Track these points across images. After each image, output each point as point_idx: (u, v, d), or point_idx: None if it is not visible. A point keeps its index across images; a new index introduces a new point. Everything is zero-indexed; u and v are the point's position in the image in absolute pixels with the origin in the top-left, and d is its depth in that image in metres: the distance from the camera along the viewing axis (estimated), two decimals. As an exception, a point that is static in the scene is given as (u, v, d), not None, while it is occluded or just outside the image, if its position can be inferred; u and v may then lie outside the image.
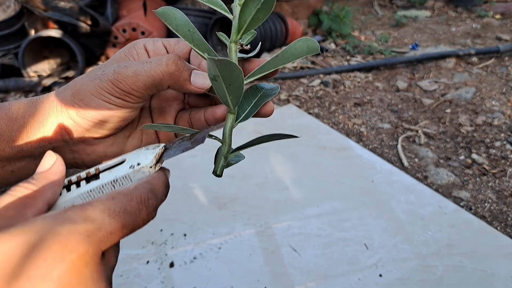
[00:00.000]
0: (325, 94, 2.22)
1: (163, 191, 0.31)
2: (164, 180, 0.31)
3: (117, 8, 2.76)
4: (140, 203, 0.27)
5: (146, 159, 0.31)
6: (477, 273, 1.12)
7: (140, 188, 0.28)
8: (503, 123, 1.86)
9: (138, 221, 0.27)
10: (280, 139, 0.39)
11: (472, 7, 3.51)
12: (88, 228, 0.24)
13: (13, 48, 2.46)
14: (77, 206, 0.25)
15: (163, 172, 0.32)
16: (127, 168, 0.31)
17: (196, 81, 0.36)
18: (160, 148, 0.33)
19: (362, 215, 1.33)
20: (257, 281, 1.12)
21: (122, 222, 0.26)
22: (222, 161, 0.39)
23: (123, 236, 0.26)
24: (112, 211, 0.25)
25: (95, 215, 0.25)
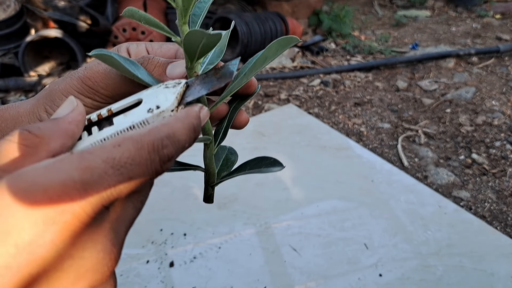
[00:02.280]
0: (325, 94, 2.22)
1: (187, 136, 0.24)
2: (190, 122, 0.25)
3: (117, 8, 2.76)
4: (152, 152, 0.22)
5: (166, 101, 0.27)
6: (477, 273, 1.12)
7: (155, 132, 0.23)
8: (503, 123, 1.86)
9: (149, 172, 0.23)
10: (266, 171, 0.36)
11: (472, 7, 3.51)
12: (86, 181, 0.20)
13: (13, 48, 2.46)
14: (75, 154, 0.21)
15: (190, 110, 0.26)
16: (145, 112, 0.26)
17: (173, 71, 0.32)
18: (182, 86, 0.28)
19: (362, 215, 1.33)
20: (257, 281, 1.12)
21: (129, 174, 0.21)
22: (210, 191, 0.38)
23: (132, 189, 0.22)
24: (116, 161, 0.21)
25: (96, 165, 0.20)
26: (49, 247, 0.19)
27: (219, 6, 3.03)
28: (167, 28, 0.30)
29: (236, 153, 0.40)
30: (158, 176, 0.24)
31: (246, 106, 2.11)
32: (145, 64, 0.32)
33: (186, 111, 0.26)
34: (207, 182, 0.38)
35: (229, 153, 0.40)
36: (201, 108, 0.27)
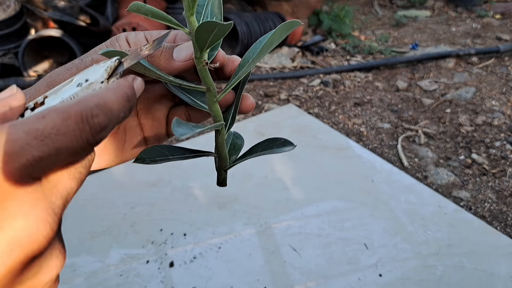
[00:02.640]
0: (325, 94, 2.22)
1: (120, 105, 0.24)
2: (122, 91, 0.24)
3: (117, 8, 2.76)
4: (81, 122, 0.21)
5: (95, 74, 0.26)
6: (477, 273, 1.12)
7: (83, 103, 0.22)
8: (503, 123, 1.86)
9: (79, 142, 0.22)
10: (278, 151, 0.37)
11: (472, 7, 3.51)
12: (7, 152, 0.19)
13: (13, 48, 2.46)
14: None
15: (123, 81, 0.25)
16: (74, 87, 0.26)
17: (180, 55, 0.32)
18: (113, 61, 0.27)
19: (362, 215, 1.33)
20: (257, 281, 1.12)
21: (55, 146, 0.21)
22: (223, 174, 0.39)
23: (62, 159, 0.22)
24: (40, 132, 0.20)
25: (18, 137, 0.20)
26: None
27: (219, 6, 3.03)
28: (174, 20, 0.31)
29: (241, 137, 0.41)
30: (94, 146, 0.23)
31: (246, 106, 2.11)
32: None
33: (117, 82, 0.25)
34: (220, 167, 0.39)
35: (235, 138, 0.41)
36: (134, 78, 0.26)
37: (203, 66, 0.32)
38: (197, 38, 0.29)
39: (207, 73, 0.33)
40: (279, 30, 0.31)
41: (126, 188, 1.48)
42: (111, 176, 1.53)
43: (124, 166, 1.58)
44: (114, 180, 1.52)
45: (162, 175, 1.52)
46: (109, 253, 1.21)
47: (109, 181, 1.51)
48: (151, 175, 1.52)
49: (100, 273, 1.15)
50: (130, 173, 1.55)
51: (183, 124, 0.30)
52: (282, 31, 0.31)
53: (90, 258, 1.20)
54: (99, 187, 1.48)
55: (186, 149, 0.37)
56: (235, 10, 2.98)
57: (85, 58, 0.33)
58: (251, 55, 0.33)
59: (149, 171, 1.54)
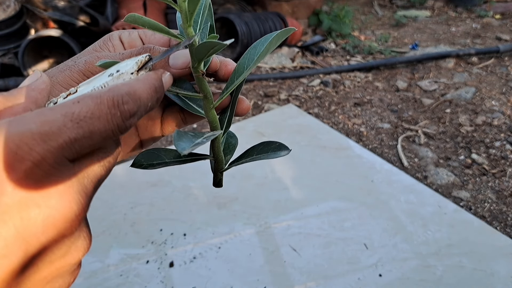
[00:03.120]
0: (325, 94, 2.22)
1: (148, 95, 0.25)
2: (151, 82, 0.26)
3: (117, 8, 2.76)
4: (113, 107, 0.23)
5: (126, 66, 0.28)
6: (477, 273, 1.12)
7: (115, 89, 0.24)
8: (503, 123, 1.86)
9: (110, 126, 0.23)
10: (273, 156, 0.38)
11: (472, 7, 3.51)
12: (45, 132, 0.20)
13: (13, 48, 2.46)
14: (36, 110, 0.21)
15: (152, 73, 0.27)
16: (105, 77, 0.28)
17: (176, 62, 0.33)
18: (144, 56, 0.29)
19: (362, 215, 1.33)
20: (257, 281, 1.12)
21: (89, 128, 0.22)
22: (219, 176, 0.39)
23: (94, 143, 0.23)
24: (76, 115, 0.21)
25: (55, 118, 0.21)
26: (11, 195, 0.19)
27: (219, 6, 3.03)
28: (172, 32, 0.31)
29: (235, 136, 0.42)
30: (124, 132, 0.24)
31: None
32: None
33: (147, 74, 0.27)
34: (216, 169, 0.39)
35: (229, 137, 0.41)
36: (163, 72, 0.28)
37: (200, 76, 0.33)
38: (196, 52, 0.30)
39: (203, 81, 0.34)
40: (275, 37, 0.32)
41: (126, 188, 1.48)
42: (111, 176, 1.53)
43: (124, 166, 1.58)
44: (114, 180, 1.52)
45: (162, 175, 1.52)
46: (109, 253, 1.21)
47: (109, 181, 1.51)
48: (151, 175, 1.52)
49: (100, 273, 1.15)
50: (130, 173, 1.55)
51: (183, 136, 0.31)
52: (278, 38, 0.32)
53: (90, 258, 1.20)
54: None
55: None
56: (235, 10, 2.98)
57: (78, 60, 0.33)
58: (247, 61, 0.34)
59: (149, 172, 1.54)
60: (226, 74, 0.35)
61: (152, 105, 0.26)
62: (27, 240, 0.20)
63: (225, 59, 0.36)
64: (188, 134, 0.32)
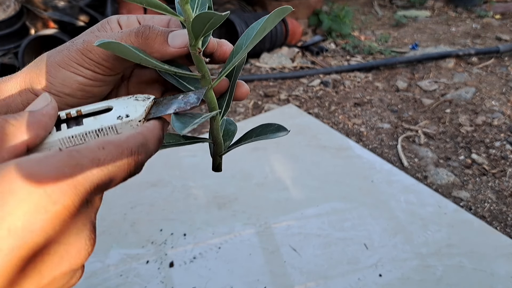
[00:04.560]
0: (325, 94, 2.22)
1: (155, 146, 0.28)
2: (158, 134, 0.28)
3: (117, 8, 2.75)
4: (130, 157, 0.25)
5: (135, 112, 0.29)
6: (477, 273, 1.12)
7: (132, 140, 0.26)
8: (503, 123, 1.86)
9: (125, 174, 0.25)
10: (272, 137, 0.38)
11: (472, 7, 3.51)
12: (76, 178, 0.22)
13: (13, 48, 2.46)
14: (64, 151, 0.23)
15: (158, 123, 0.29)
16: (114, 118, 0.29)
17: (175, 41, 0.33)
18: (151, 101, 0.31)
19: (362, 215, 1.33)
20: (257, 281, 1.12)
21: (110, 175, 0.24)
22: (218, 160, 0.40)
23: (109, 187, 0.25)
24: (101, 162, 0.23)
25: (84, 163, 0.23)
26: (39, 232, 0.21)
27: (219, 6, 3.04)
28: (170, 8, 0.31)
29: (234, 123, 0.42)
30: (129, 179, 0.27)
31: (246, 107, 2.11)
32: (146, 33, 0.32)
33: (154, 123, 0.29)
34: (215, 152, 0.40)
35: (228, 124, 0.42)
36: (164, 122, 0.30)
37: (197, 54, 0.33)
38: (193, 26, 0.30)
39: (201, 60, 0.33)
40: (271, 16, 0.31)
41: (126, 188, 1.48)
42: (111, 176, 1.53)
43: (124, 166, 1.58)
44: (114, 180, 1.52)
45: (162, 175, 1.52)
46: (109, 253, 1.21)
47: (109, 181, 1.51)
48: (151, 175, 1.52)
49: (100, 273, 1.15)
50: (130, 173, 1.54)
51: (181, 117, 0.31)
52: (275, 17, 0.32)
53: (90, 258, 1.20)
54: (99, 187, 1.48)
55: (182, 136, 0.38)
56: (235, 10, 2.98)
57: (76, 40, 0.33)
58: (244, 41, 0.34)
59: (149, 171, 1.54)
60: (222, 55, 0.35)
61: (154, 153, 0.28)
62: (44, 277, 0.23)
63: (221, 40, 0.36)
64: (186, 115, 0.32)
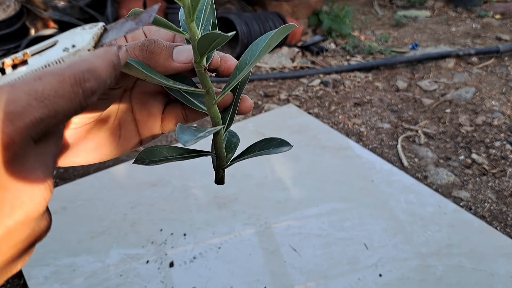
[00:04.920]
0: (325, 94, 2.22)
1: (107, 72, 0.25)
2: (108, 59, 0.25)
3: (117, 8, 2.75)
4: (75, 85, 0.22)
5: (82, 41, 0.27)
6: (477, 273, 1.12)
7: (75, 66, 0.23)
8: (503, 123, 1.86)
9: (73, 105, 0.23)
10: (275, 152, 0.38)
11: (472, 7, 3.51)
12: (11, 112, 0.20)
13: (13, 48, 2.46)
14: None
15: (109, 49, 0.26)
16: (60, 51, 0.26)
17: (179, 56, 0.33)
18: (99, 28, 0.28)
19: (362, 215, 1.33)
20: (257, 281, 1.12)
21: (54, 107, 0.22)
22: (221, 173, 0.40)
23: (57, 123, 0.23)
24: (40, 93, 0.21)
25: (19, 97, 0.20)
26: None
27: (219, 6, 3.03)
28: (175, 27, 0.32)
29: (237, 135, 0.42)
30: (84, 111, 0.24)
31: (246, 106, 2.11)
32: (151, 48, 0.32)
33: (104, 49, 0.26)
34: (218, 166, 0.39)
35: (231, 136, 0.41)
36: (119, 47, 0.27)
37: (202, 71, 0.33)
38: (199, 45, 0.30)
39: (206, 77, 0.34)
40: (276, 33, 0.32)
41: (126, 188, 1.48)
42: (111, 176, 1.53)
43: (124, 166, 1.58)
44: (114, 180, 1.52)
45: (162, 175, 1.52)
46: (109, 253, 1.21)
47: (109, 181, 1.51)
48: (151, 175, 1.52)
49: (100, 273, 1.15)
50: (130, 173, 1.55)
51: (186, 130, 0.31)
52: (279, 34, 0.32)
53: (90, 258, 1.20)
54: (99, 187, 1.48)
55: (185, 149, 0.38)
56: (235, 10, 2.98)
57: None
58: (249, 57, 0.34)
59: (149, 172, 1.54)
60: (226, 70, 0.35)
61: (110, 82, 0.25)
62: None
63: (225, 55, 0.36)
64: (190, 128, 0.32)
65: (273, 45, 0.33)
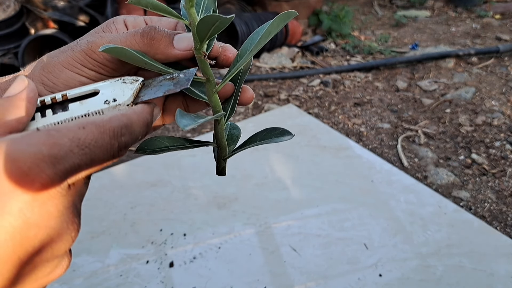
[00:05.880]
0: (325, 94, 2.22)
1: (141, 129, 0.27)
2: (144, 117, 0.27)
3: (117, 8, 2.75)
4: (113, 137, 0.24)
5: (123, 95, 0.28)
6: (477, 273, 1.12)
7: (115, 120, 0.25)
8: (502, 123, 1.86)
9: (108, 156, 0.24)
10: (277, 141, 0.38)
11: (472, 7, 3.51)
12: (55, 156, 0.21)
13: (13, 48, 2.46)
14: (43, 131, 0.22)
15: (146, 107, 0.28)
16: (101, 103, 0.28)
17: (180, 44, 0.33)
18: (139, 84, 0.30)
19: (362, 215, 1.33)
20: (257, 281, 1.12)
21: (92, 156, 0.23)
22: (223, 163, 0.39)
23: (91, 170, 0.24)
24: (82, 142, 0.22)
25: (63, 142, 0.22)
26: (17, 215, 0.20)
27: (219, 6, 3.04)
28: (175, 12, 0.32)
29: (238, 127, 0.42)
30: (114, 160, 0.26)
31: (246, 107, 2.11)
32: (152, 34, 0.32)
33: (142, 107, 0.28)
34: (219, 156, 0.39)
35: (232, 128, 0.41)
36: (155, 106, 0.29)
37: (202, 57, 0.33)
38: (198, 29, 0.30)
39: (206, 64, 0.34)
40: (276, 20, 0.32)
41: (126, 188, 1.48)
42: (111, 176, 1.53)
43: (124, 166, 1.58)
44: (114, 180, 1.52)
45: (162, 175, 1.52)
46: (109, 253, 1.21)
47: (109, 181, 1.51)
48: (151, 175, 1.52)
49: (100, 273, 1.15)
50: (130, 173, 1.55)
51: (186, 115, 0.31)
52: (280, 21, 0.32)
53: (90, 258, 1.20)
54: (99, 187, 1.48)
55: (186, 139, 0.38)
56: (234, 10, 2.98)
57: (81, 41, 0.33)
58: (249, 45, 0.34)
59: (149, 172, 1.54)
60: (226, 59, 0.36)
61: (141, 138, 0.27)
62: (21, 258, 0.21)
63: (225, 45, 0.36)
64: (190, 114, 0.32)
65: (274, 32, 0.33)
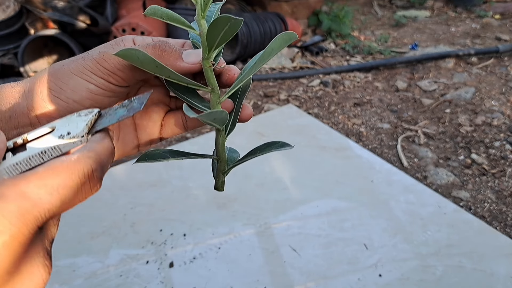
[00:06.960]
0: (324, 94, 2.22)
1: (108, 158, 0.27)
2: (108, 145, 0.27)
3: (117, 8, 2.75)
4: (83, 177, 0.24)
5: (76, 128, 0.29)
6: (477, 273, 1.12)
7: (84, 160, 0.25)
8: (502, 123, 1.86)
9: (80, 196, 0.25)
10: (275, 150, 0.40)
11: (471, 7, 3.51)
12: (22, 206, 0.21)
13: (13, 48, 2.46)
14: (8, 180, 0.22)
15: (105, 135, 0.28)
16: (56, 138, 0.28)
17: (189, 58, 0.34)
18: (93, 115, 0.30)
19: (361, 215, 1.33)
20: (257, 281, 1.12)
21: (62, 198, 0.23)
22: (221, 178, 0.40)
23: (63, 211, 0.24)
24: (50, 187, 0.23)
25: (30, 190, 0.22)
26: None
27: (219, 6, 3.03)
28: (187, 22, 0.34)
29: (237, 151, 0.43)
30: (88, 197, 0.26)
31: (245, 107, 2.11)
32: (163, 47, 0.34)
33: (101, 136, 0.28)
34: (218, 170, 0.40)
35: (231, 152, 0.42)
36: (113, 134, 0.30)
37: (209, 67, 0.34)
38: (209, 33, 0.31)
39: (212, 74, 0.35)
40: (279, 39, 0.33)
41: (126, 188, 1.48)
42: (111, 177, 1.53)
43: (124, 166, 1.58)
44: (114, 180, 1.52)
45: (162, 175, 1.52)
46: (109, 254, 1.21)
47: (109, 181, 1.51)
48: (151, 175, 1.52)
49: (99, 273, 1.15)
50: (130, 174, 1.55)
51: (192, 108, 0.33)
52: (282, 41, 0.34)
53: (89, 259, 1.20)
54: (98, 188, 1.48)
55: (187, 152, 0.39)
56: (234, 10, 2.98)
57: (92, 51, 0.34)
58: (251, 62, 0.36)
59: (149, 172, 1.54)
60: (229, 78, 0.37)
61: (109, 167, 0.28)
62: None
63: (230, 65, 0.37)
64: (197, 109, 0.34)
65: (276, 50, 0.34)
